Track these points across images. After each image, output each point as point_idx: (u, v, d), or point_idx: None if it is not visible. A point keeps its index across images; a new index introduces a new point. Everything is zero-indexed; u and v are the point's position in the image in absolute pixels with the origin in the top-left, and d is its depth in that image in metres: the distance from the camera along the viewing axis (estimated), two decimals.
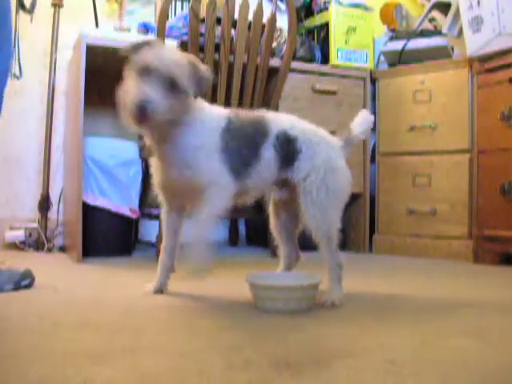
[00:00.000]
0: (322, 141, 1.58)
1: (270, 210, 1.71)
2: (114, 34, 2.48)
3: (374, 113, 2.97)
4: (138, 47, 1.39)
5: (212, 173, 1.43)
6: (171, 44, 2.37)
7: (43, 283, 1.77)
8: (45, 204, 2.79)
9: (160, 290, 1.62)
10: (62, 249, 2.71)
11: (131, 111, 1.28)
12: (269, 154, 1.51)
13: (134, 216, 2.53)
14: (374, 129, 2.92)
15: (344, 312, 1.42)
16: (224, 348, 1.06)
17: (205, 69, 1.41)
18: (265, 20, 2.41)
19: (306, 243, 1.60)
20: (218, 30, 2.32)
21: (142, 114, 1.27)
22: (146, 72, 1.30)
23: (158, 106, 1.28)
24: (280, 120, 1.57)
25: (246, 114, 1.56)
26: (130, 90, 1.30)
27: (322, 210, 1.50)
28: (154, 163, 1.52)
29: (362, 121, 1.67)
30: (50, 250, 2.68)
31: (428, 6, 3.04)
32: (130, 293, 1.65)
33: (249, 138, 1.50)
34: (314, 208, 1.50)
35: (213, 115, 1.49)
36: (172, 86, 1.32)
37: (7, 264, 1.80)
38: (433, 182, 2.74)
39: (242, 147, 1.48)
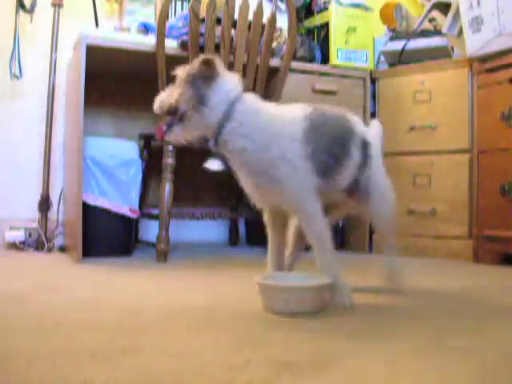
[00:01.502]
0: (379, 150, 1.67)
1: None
2: (114, 34, 2.49)
3: (373, 113, 2.98)
4: None
5: (298, 181, 1.41)
6: None
7: (43, 283, 1.77)
8: (45, 204, 2.79)
9: None
10: (62, 249, 2.71)
11: None
12: (356, 154, 1.54)
13: (134, 216, 2.53)
14: None
15: (343, 312, 1.42)
16: (224, 348, 1.06)
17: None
18: (265, 20, 2.41)
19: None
20: (218, 29, 2.32)
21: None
22: None
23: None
24: (358, 122, 1.61)
25: (323, 109, 1.55)
26: None
27: (387, 207, 1.65)
28: (240, 177, 1.48)
29: (375, 132, 1.73)
30: (50, 250, 2.68)
31: (428, 5, 3.03)
32: (130, 293, 1.65)
33: (336, 134, 1.50)
34: (383, 207, 1.64)
35: (281, 118, 1.45)
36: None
37: None
38: (433, 182, 2.74)
39: (329, 143, 1.47)
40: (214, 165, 1.63)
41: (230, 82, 1.39)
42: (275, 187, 1.40)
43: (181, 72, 1.42)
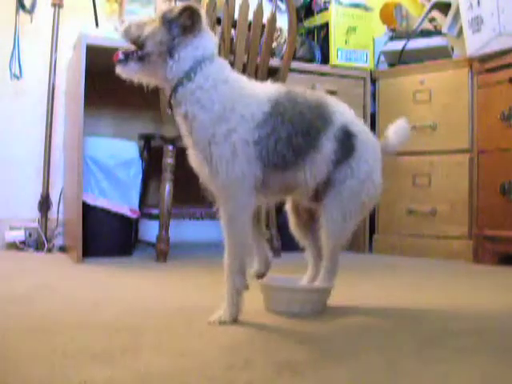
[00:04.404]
0: (372, 146, 1.45)
1: (288, 207, 1.52)
2: (114, 34, 2.48)
3: (373, 113, 2.98)
4: None
5: (230, 177, 1.24)
6: None
7: (43, 283, 1.77)
8: (45, 204, 2.79)
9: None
10: (62, 249, 2.71)
11: None
12: (329, 146, 1.34)
13: (134, 216, 2.53)
14: (374, 129, 2.92)
15: (344, 312, 1.42)
16: (224, 348, 1.06)
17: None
18: (265, 20, 2.41)
19: (292, 244, 1.55)
20: (218, 29, 2.32)
21: None
22: None
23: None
24: (343, 110, 1.41)
25: (301, 93, 1.36)
26: None
27: (343, 222, 1.39)
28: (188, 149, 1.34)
29: (398, 131, 1.57)
30: (50, 250, 2.67)
31: (428, 5, 3.03)
32: (129, 293, 1.65)
33: (307, 122, 1.31)
34: (338, 215, 1.37)
35: (246, 94, 1.28)
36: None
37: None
38: (433, 182, 2.74)
39: (296, 131, 1.29)
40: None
41: (205, 39, 1.27)
42: (208, 168, 1.25)
43: (160, 10, 1.29)
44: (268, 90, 1.32)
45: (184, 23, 1.24)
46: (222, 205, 1.29)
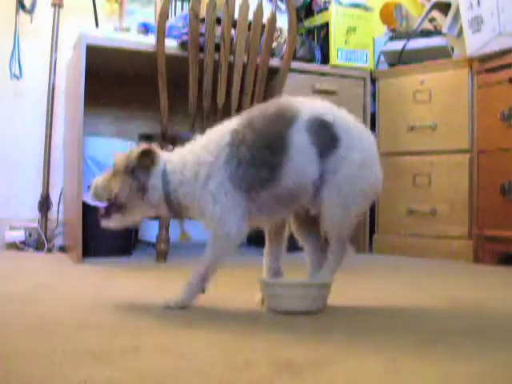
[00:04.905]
0: (360, 132, 1.43)
1: None
2: (114, 34, 2.48)
3: (374, 113, 2.98)
4: None
5: (216, 213, 1.35)
6: None
7: (43, 283, 1.77)
8: (45, 204, 2.79)
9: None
10: (62, 249, 2.71)
11: None
12: (302, 139, 1.34)
13: None
14: (374, 129, 2.92)
15: (344, 312, 1.42)
16: (224, 348, 1.06)
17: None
18: (265, 20, 2.41)
19: (292, 244, 1.54)
20: (218, 29, 2.32)
21: None
22: None
23: None
24: (312, 105, 1.41)
25: (260, 109, 1.41)
26: None
27: (344, 209, 1.38)
28: None
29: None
30: (50, 250, 2.67)
31: (428, 6, 3.04)
32: (130, 293, 1.65)
33: (271, 131, 1.35)
34: (337, 207, 1.37)
35: (204, 149, 1.40)
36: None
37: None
38: (433, 182, 2.74)
39: (263, 145, 1.33)
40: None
41: (162, 157, 1.42)
42: (202, 220, 1.40)
43: (119, 161, 1.42)
44: (221, 131, 1.40)
45: (145, 164, 1.39)
46: (212, 234, 1.40)
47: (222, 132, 1.39)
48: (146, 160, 1.39)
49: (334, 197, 1.38)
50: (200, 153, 1.39)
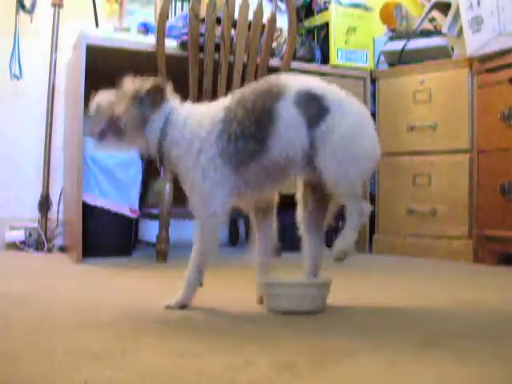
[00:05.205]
0: (351, 103, 1.45)
1: (298, 196, 1.52)
2: (114, 33, 2.48)
3: (374, 113, 2.98)
4: None
5: (200, 192, 1.38)
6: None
7: (43, 283, 1.77)
8: (45, 204, 2.79)
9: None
10: (62, 249, 2.71)
11: None
12: (289, 113, 1.35)
13: (133, 216, 2.53)
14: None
15: (344, 312, 1.42)
16: (224, 348, 1.06)
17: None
18: (265, 20, 2.41)
19: (293, 243, 1.55)
20: (218, 29, 2.32)
21: None
22: None
23: None
24: (301, 80, 1.43)
25: (250, 87, 1.44)
26: None
27: (343, 164, 1.35)
28: None
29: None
30: (49, 250, 2.68)
31: (428, 6, 3.04)
32: (130, 293, 1.65)
33: (260, 106, 1.36)
34: (334, 161, 1.34)
35: (201, 119, 1.41)
36: None
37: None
38: (433, 182, 2.74)
39: (253, 120, 1.35)
40: (161, 186, 1.63)
41: (171, 103, 1.43)
42: (188, 193, 1.41)
43: (129, 86, 1.42)
44: (218, 104, 1.44)
45: (153, 99, 1.40)
46: (196, 217, 1.42)
47: (216, 109, 1.42)
48: (156, 96, 1.40)
49: (330, 160, 1.36)
50: (196, 125, 1.40)
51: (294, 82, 1.40)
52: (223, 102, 1.43)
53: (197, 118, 1.42)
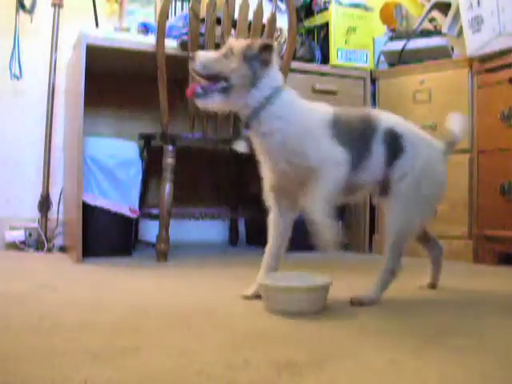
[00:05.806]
0: (425, 142, 1.60)
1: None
2: (114, 33, 2.48)
3: None
4: None
5: (322, 150, 1.41)
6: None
7: (43, 283, 1.77)
8: (45, 204, 2.79)
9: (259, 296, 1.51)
10: (62, 249, 2.71)
11: None
12: (379, 150, 1.49)
13: (133, 216, 2.53)
14: None
15: (344, 312, 1.42)
16: (224, 348, 1.06)
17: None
18: (265, 20, 2.41)
19: (302, 242, 1.56)
20: (218, 29, 2.32)
21: None
22: None
23: None
24: (386, 116, 1.56)
25: (348, 109, 1.56)
26: None
27: (407, 215, 1.55)
28: (263, 166, 1.51)
29: (458, 123, 1.71)
30: (49, 250, 2.68)
31: (428, 6, 3.03)
32: (129, 293, 1.65)
33: (359, 131, 1.48)
34: (401, 213, 1.55)
35: (313, 109, 1.48)
36: None
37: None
38: None
39: (353, 139, 1.46)
40: (240, 146, 1.61)
41: (277, 70, 1.45)
42: (301, 162, 1.40)
43: (237, 44, 1.42)
44: (324, 106, 1.51)
45: (263, 58, 1.40)
46: (319, 171, 1.41)
47: (322, 110, 1.49)
48: (267, 54, 1.41)
49: (397, 204, 1.54)
50: (307, 114, 1.45)
51: (383, 119, 1.54)
52: (325, 107, 1.50)
53: (307, 106, 1.47)
